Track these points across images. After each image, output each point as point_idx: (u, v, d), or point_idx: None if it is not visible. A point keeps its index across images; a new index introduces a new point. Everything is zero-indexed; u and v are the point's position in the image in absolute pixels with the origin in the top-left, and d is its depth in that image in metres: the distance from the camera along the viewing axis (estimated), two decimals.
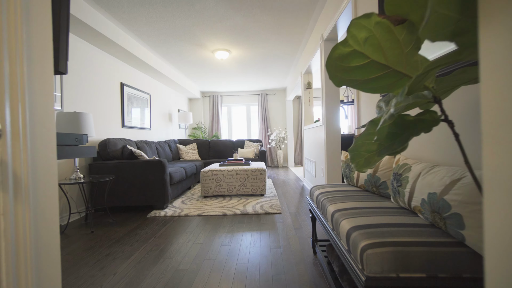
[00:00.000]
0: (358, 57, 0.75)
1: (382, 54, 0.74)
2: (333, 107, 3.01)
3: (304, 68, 4.31)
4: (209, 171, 3.64)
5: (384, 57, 0.75)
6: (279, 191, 4.08)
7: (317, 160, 3.57)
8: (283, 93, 7.77)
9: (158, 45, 3.93)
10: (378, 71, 0.77)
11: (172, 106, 6.21)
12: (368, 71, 0.77)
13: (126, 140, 3.54)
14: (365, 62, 0.76)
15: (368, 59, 0.75)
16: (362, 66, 0.76)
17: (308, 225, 2.47)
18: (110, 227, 2.58)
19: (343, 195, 1.48)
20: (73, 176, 2.57)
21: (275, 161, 7.73)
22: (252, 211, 2.93)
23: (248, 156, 5.45)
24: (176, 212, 2.96)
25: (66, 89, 2.85)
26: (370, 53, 0.74)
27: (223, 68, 5.32)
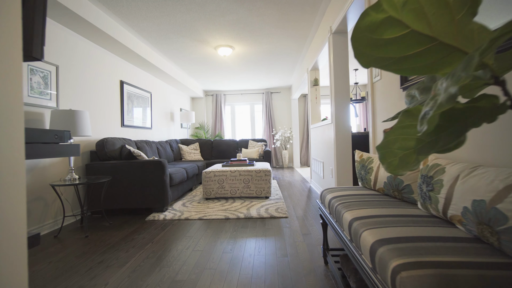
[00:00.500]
0: (394, 26, 0.57)
1: (425, 21, 0.56)
2: (343, 105, 2.83)
3: (311, 64, 4.13)
4: (211, 172, 3.48)
5: (428, 26, 0.56)
6: (285, 193, 3.91)
7: (326, 160, 3.39)
8: (288, 92, 7.60)
9: (159, 41, 3.80)
10: (419, 44, 0.59)
11: (174, 105, 6.09)
12: (407, 44, 0.59)
13: (125, 140, 3.40)
14: (403, 32, 0.57)
15: (407, 29, 0.57)
16: (399, 39, 0.58)
17: (318, 231, 2.29)
18: (106, 231, 2.44)
19: (360, 200, 1.30)
20: (68, 177, 2.44)
21: (280, 161, 7.55)
22: (257, 214, 2.76)
23: (252, 156, 5.29)
24: (176, 216, 2.81)
25: (63, 86, 2.72)
26: (410, 20, 0.56)
27: (226, 66, 5.17)
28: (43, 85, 2.46)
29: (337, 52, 2.84)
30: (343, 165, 2.81)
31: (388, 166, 0.64)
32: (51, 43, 2.57)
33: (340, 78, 2.84)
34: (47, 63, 2.49)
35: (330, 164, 3.13)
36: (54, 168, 2.60)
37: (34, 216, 2.36)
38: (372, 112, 1.97)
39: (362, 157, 1.58)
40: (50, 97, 2.54)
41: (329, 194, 1.53)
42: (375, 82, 1.91)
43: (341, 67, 2.84)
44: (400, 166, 0.63)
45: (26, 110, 2.29)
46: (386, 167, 0.64)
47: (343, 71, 2.83)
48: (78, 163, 2.94)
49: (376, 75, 1.85)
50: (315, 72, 4.31)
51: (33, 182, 2.36)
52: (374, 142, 1.98)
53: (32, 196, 2.35)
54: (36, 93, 2.39)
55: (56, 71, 2.60)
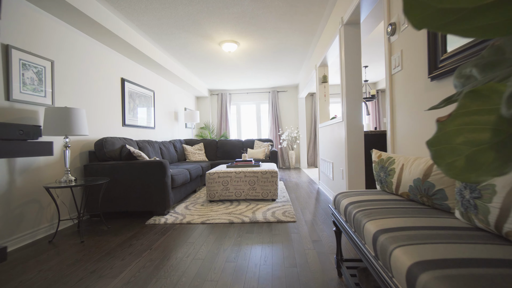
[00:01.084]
0: None
1: None
2: (355, 101, 2.63)
3: (319, 60, 3.94)
4: (215, 173, 3.32)
5: None
6: (292, 195, 3.72)
7: (335, 161, 3.19)
8: (295, 90, 7.40)
9: (161, 37, 3.66)
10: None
11: (178, 105, 5.97)
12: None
13: (126, 140, 3.28)
14: None
15: None
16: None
17: (329, 237, 2.10)
18: (103, 236, 2.30)
19: (383, 207, 1.12)
20: (64, 178, 2.31)
21: (287, 162, 7.35)
22: (263, 218, 2.58)
23: (258, 156, 5.11)
24: (177, 219, 2.66)
25: (59, 83, 2.60)
26: None
27: (231, 63, 5.01)
28: (37, 81, 2.34)
29: (349, 45, 2.64)
30: (355, 166, 2.61)
31: (449, 169, 0.45)
32: (45, 37, 2.45)
33: (352, 72, 2.64)
34: (40, 57, 2.37)
35: (341, 165, 2.93)
36: (49, 169, 2.47)
37: (28, 219, 2.24)
38: (391, 107, 1.77)
39: (381, 157, 1.39)
40: (45, 94, 2.42)
41: (344, 199, 1.34)
42: (395, 73, 1.71)
43: (353, 60, 2.64)
44: (468, 169, 0.43)
45: (17, 108, 2.17)
46: (446, 170, 0.45)
47: (355, 64, 2.64)
48: (76, 164, 2.82)
49: (396, 65, 1.66)
50: (324, 68, 4.11)
51: (26, 184, 2.24)
52: (392, 140, 1.79)
53: (25, 198, 2.23)
54: (29, 89, 2.27)
55: (51, 66, 2.48)
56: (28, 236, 2.24)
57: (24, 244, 2.17)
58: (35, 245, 2.15)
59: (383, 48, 4.32)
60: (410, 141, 1.57)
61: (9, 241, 2.08)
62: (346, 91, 2.64)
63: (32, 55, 2.29)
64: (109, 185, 2.77)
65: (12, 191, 2.12)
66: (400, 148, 1.68)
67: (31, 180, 2.28)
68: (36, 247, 2.11)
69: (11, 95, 2.11)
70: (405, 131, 1.62)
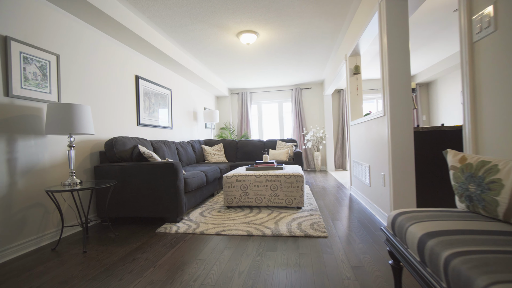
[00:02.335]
0: None
1: None
2: (401, 93, 2.15)
3: (350, 49, 3.46)
4: (232, 176, 2.99)
5: None
6: (320, 202, 3.27)
7: (373, 164, 2.71)
8: (320, 87, 6.89)
9: (175, 30, 3.42)
10: None
11: (197, 104, 5.75)
12: None
13: (139, 140, 3.06)
14: None
15: None
16: None
17: (373, 262, 1.66)
18: (108, 246, 2.06)
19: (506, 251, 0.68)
20: (68, 181, 2.10)
21: (312, 164, 6.86)
22: (287, 231, 2.19)
23: (281, 158, 4.71)
24: (190, 228, 2.36)
25: (66, 79, 2.43)
26: None
27: (250, 58, 4.68)
28: (41, 77, 2.16)
29: (393, 23, 2.17)
30: (402, 171, 2.13)
31: None
32: (49, 30, 2.28)
33: (397, 58, 2.16)
34: (44, 51, 2.19)
35: (381, 168, 2.45)
36: (55, 171, 2.29)
37: (31, 225, 2.06)
38: (471, 91, 1.29)
39: (466, 162, 0.94)
40: (50, 90, 2.24)
41: (414, 225, 0.91)
42: (480, 39, 1.21)
43: (399, 42, 2.16)
44: None
45: (18, 104, 2.00)
46: None
47: (401, 48, 2.16)
48: (86, 165, 2.63)
49: (485, 26, 1.17)
50: (356, 58, 3.62)
51: (29, 187, 2.06)
52: (474, 138, 1.30)
53: (28, 202, 2.05)
54: (32, 85, 2.09)
55: (56, 61, 2.30)
56: (32, 242, 2.05)
57: (27, 252, 1.98)
58: (37, 253, 1.96)
59: (428, 30, 3.74)
60: (509, 138, 1.09)
61: (10, 248, 1.89)
62: (390, 81, 2.17)
63: (35, 48, 2.12)
64: (119, 188, 2.55)
65: (13, 194, 1.94)
66: (488, 148, 1.20)
67: (34, 182, 2.10)
68: (37, 255, 1.91)
69: (11, 90, 1.93)
70: (497, 124, 1.14)
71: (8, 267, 1.75)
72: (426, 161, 2.22)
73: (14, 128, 1.97)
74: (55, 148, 2.29)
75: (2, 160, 1.88)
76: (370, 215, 2.66)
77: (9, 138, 1.93)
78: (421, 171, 2.23)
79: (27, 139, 2.06)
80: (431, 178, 2.21)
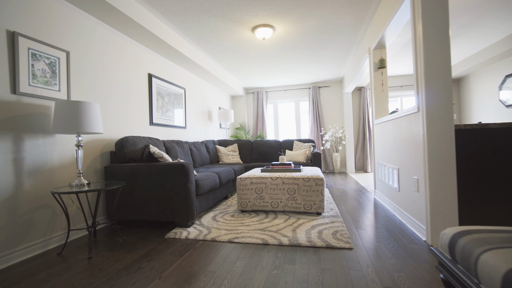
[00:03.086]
0: None
1: None
2: (440, 85, 1.88)
3: (374, 41, 3.18)
4: (247, 178, 2.81)
5: None
6: (342, 207, 3.01)
7: (403, 166, 2.42)
8: (339, 85, 6.57)
9: (188, 25, 3.30)
10: None
11: (212, 104, 5.64)
12: None
13: (151, 139, 2.96)
14: None
15: None
16: None
17: (410, 283, 1.40)
18: (115, 251, 1.94)
19: None
20: (75, 182, 2.02)
21: (330, 165, 6.54)
22: (306, 240, 1.97)
23: (298, 159, 4.48)
24: (201, 234, 2.20)
25: (77, 76, 2.36)
26: None
27: (266, 55, 4.49)
28: (50, 74, 2.10)
29: (430, 6, 1.90)
30: (441, 175, 1.84)
31: None
32: (59, 25, 2.21)
33: (436, 46, 1.89)
34: (53, 47, 2.13)
35: (414, 172, 2.17)
36: (64, 171, 2.22)
37: (38, 227, 1.99)
38: None
39: None
40: (59, 88, 2.17)
41: (492, 253, 0.67)
42: None
43: (437, 29, 1.89)
44: None
45: (25, 102, 1.93)
46: None
47: (440, 35, 1.88)
48: (97, 165, 2.56)
49: None
50: (381, 51, 3.33)
51: (36, 188, 1.99)
52: None
53: (35, 204, 1.98)
54: (40, 82, 2.02)
55: (66, 58, 2.23)
56: (39, 245, 1.98)
57: (32, 256, 1.91)
58: (43, 257, 1.87)
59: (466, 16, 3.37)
60: None
61: (16, 252, 1.82)
62: (426, 72, 1.90)
63: (44, 44, 2.05)
64: (129, 190, 2.44)
65: (20, 196, 1.88)
66: None
67: (42, 183, 2.03)
68: (42, 260, 1.83)
69: (18, 88, 1.87)
70: None
71: (11, 273, 1.67)
72: (470, 165, 1.91)
73: (21, 126, 1.90)
74: (64, 148, 2.22)
75: (8, 159, 1.81)
76: (399, 223, 2.38)
77: (16, 137, 1.86)
78: (463, 176, 1.93)
79: (34, 138, 1.99)
80: (477, 186, 1.90)
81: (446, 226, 1.85)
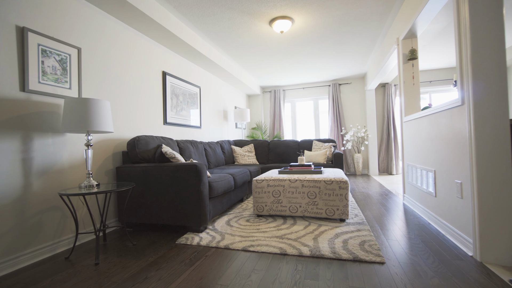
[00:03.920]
0: None
1: None
2: (492, 74, 1.59)
3: (404, 30, 2.88)
4: (263, 180, 2.62)
5: None
6: (367, 213, 2.74)
7: (441, 168, 2.13)
8: (361, 82, 6.21)
9: (203, 20, 3.18)
10: None
11: (228, 103, 5.52)
12: None
13: (164, 139, 2.86)
14: None
15: None
16: None
17: None
18: (123, 258, 1.83)
19: None
20: (84, 183, 1.93)
21: (352, 167, 6.20)
22: (330, 251, 1.75)
23: (318, 160, 4.22)
24: (214, 240, 2.04)
25: (88, 73, 2.29)
26: None
27: (284, 51, 4.28)
28: (60, 71, 2.03)
29: None
30: (492, 178, 1.55)
31: None
32: (70, 21, 2.15)
33: (486, 26, 1.60)
34: (64, 43, 2.06)
35: (456, 175, 1.88)
36: (74, 172, 2.15)
37: (47, 230, 1.92)
38: None
39: None
40: (70, 85, 2.11)
41: None
42: None
43: (486, 3, 1.60)
44: None
45: (35, 100, 1.87)
46: None
47: (490, 12, 1.59)
48: (108, 165, 2.48)
49: None
50: (411, 41, 3.02)
51: (45, 189, 1.93)
52: None
53: (44, 205, 1.91)
54: (51, 79, 1.96)
55: (77, 54, 2.17)
56: (48, 249, 1.91)
57: (40, 260, 1.84)
58: (51, 261, 1.80)
59: None
60: None
61: (24, 255, 1.76)
62: (473, 59, 1.61)
63: (54, 40, 1.99)
64: (140, 191, 2.34)
65: (28, 197, 1.82)
66: None
67: (51, 184, 1.97)
68: (48, 265, 1.75)
69: (27, 85, 1.81)
70: None
71: (16, 278, 1.59)
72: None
73: (30, 125, 1.84)
74: (74, 148, 2.15)
75: (16, 159, 1.75)
76: (436, 233, 2.08)
77: (24, 136, 1.81)
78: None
79: (44, 138, 1.93)
80: None
81: (499, 240, 1.56)
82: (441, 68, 5.66)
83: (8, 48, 1.73)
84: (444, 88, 5.73)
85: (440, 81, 5.69)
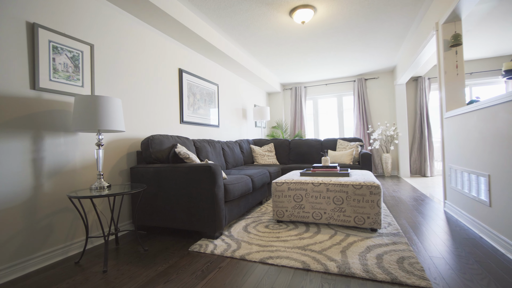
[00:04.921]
0: None
1: None
2: None
3: (446, 12, 2.51)
4: (283, 183, 2.40)
5: None
6: (402, 221, 2.42)
7: (498, 172, 1.77)
8: (390, 76, 5.75)
9: (219, 13, 3.02)
10: None
11: (247, 101, 5.34)
12: None
13: (180, 138, 2.74)
14: None
15: None
16: None
17: None
18: (132, 265, 1.71)
19: None
20: (95, 184, 1.85)
21: (379, 168, 5.76)
22: (362, 269, 1.50)
23: (343, 161, 3.91)
24: (229, 249, 1.86)
25: (101, 71, 2.22)
26: None
27: (305, 44, 4.02)
28: (72, 68, 1.97)
29: None
30: None
31: None
32: (82, 17, 2.08)
33: None
34: (76, 40, 1.99)
35: None
36: (87, 172, 2.08)
37: (58, 232, 1.86)
38: None
39: None
40: (82, 83, 2.04)
41: None
42: None
43: None
44: None
45: (46, 98, 1.81)
46: None
47: None
48: (123, 166, 2.41)
49: None
50: (454, 25, 2.63)
51: (57, 190, 1.86)
52: None
53: (55, 207, 1.85)
54: (62, 77, 1.90)
55: (90, 51, 2.10)
56: (59, 252, 1.85)
57: (51, 263, 1.78)
58: (60, 266, 1.73)
59: None
60: None
61: (34, 259, 1.70)
62: None
63: (66, 36, 1.92)
64: (154, 193, 2.23)
65: (39, 199, 1.76)
66: None
67: (63, 185, 1.91)
68: (57, 270, 1.68)
69: (38, 83, 1.75)
70: None
71: (22, 284, 1.52)
72: None
73: (41, 124, 1.78)
74: (86, 147, 2.08)
75: (27, 159, 1.70)
76: (493, 251, 1.74)
77: (35, 135, 1.75)
78: None
79: (55, 137, 1.87)
80: None
81: None
82: (483, 58, 5.05)
83: (18, 44, 1.67)
84: (488, 80, 5.12)
85: (483, 72, 5.09)
